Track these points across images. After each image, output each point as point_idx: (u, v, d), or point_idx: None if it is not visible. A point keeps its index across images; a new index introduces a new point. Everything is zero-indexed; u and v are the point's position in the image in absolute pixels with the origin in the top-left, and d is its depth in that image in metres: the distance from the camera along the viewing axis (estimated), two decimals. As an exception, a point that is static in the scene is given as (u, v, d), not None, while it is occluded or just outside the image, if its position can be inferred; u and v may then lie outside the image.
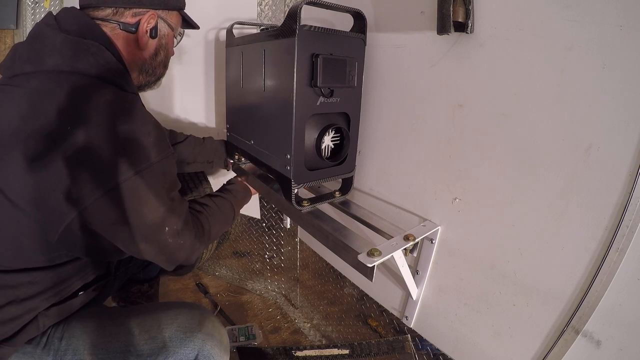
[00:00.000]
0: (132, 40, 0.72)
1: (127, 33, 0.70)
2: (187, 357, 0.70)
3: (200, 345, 0.71)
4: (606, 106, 0.51)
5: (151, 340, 0.72)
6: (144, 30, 0.72)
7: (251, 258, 1.76)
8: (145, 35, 0.72)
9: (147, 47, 0.75)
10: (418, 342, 1.18)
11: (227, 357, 0.76)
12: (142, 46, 0.73)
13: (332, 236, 0.76)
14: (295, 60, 0.67)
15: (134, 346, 0.71)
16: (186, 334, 0.72)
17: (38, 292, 0.68)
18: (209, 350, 0.72)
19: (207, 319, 0.76)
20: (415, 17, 0.74)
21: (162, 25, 0.77)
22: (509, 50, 0.60)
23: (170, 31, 0.80)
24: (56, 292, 0.71)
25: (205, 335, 0.73)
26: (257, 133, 0.90)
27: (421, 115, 0.77)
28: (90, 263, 0.78)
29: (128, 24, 0.70)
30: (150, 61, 0.78)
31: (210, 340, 0.73)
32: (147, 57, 0.76)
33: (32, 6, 2.13)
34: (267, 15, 1.20)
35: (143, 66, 0.77)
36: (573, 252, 0.57)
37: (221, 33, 1.25)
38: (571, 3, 0.52)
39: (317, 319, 1.47)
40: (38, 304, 0.69)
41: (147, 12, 0.72)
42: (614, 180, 0.51)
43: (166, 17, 0.78)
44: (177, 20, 0.82)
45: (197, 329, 0.73)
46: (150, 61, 0.78)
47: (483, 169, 0.67)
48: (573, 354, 0.59)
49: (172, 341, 0.71)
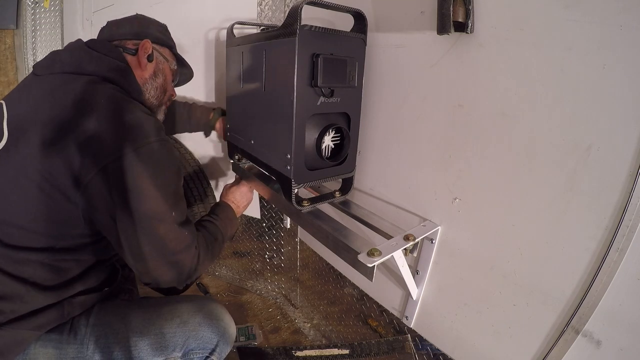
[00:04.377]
0: (135, 62, 0.87)
1: (131, 55, 0.86)
2: (210, 341, 0.80)
3: (222, 332, 0.82)
4: (606, 106, 0.51)
5: (183, 324, 0.79)
6: (142, 53, 0.87)
7: (251, 258, 1.75)
8: (143, 57, 0.87)
9: (147, 68, 0.88)
10: (418, 342, 1.18)
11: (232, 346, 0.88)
12: (142, 66, 0.87)
13: (332, 236, 0.76)
14: (295, 60, 0.67)
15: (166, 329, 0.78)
16: (212, 321, 0.82)
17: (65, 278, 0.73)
18: (228, 338, 0.83)
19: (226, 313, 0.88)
20: (415, 17, 0.74)
21: (157, 54, 0.92)
22: (509, 50, 0.60)
23: (164, 61, 0.95)
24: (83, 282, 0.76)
25: (226, 324, 0.84)
26: (257, 133, 0.90)
27: (421, 115, 0.77)
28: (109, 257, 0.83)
29: (130, 49, 0.87)
30: (151, 81, 0.90)
31: (230, 328, 0.85)
32: (147, 77, 0.89)
33: (32, 6, 2.13)
34: (267, 15, 1.20)
35: (145, 85, 0.88)
36: (573, 252, 0.57)
37: (221, 33, 1.25)
38: (571, 3, 0.52)
39: (317, 319, 1.47)
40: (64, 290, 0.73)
41: (145, 42, 0.87)
42: (614, 180, 0.51)
43: (159, 50, 0.94)
44: (170, 56, 0.98)
45: (221, 317, 0.84)
46: (151, 81, 0.90)
47: (483, 168, 0.67)
48: (573, 354, 0.59)
49: (201, 325, 0.80)
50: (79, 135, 0.66)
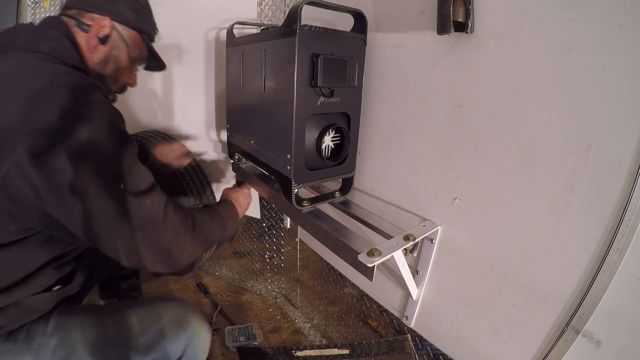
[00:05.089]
0: (85, 40, 0.74)
1: (82, 31, 0.73)
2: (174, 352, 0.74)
3: (188, 340, 0.76)
4: (606, 106, 0.51)
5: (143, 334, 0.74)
6: (94, 33, 0.74)
7: (251, 258, 1.76)
8: (94, 38, 0.74)
9: (96, 51, 0.75)
10: (418, 342, 1.18)
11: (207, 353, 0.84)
12: (90, 48, 0.74)
13: (332, 236, 0.76)
14: (295, 60, 0.67)
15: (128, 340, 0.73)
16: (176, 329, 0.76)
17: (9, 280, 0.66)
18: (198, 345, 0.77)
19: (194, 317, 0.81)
20: (415, 17, 0.74)
21: (117, 37, 0.78)
22: (509, 50, 0.60)
23: (124, 46, 0.80)
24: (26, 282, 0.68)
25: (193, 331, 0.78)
26: (257, 133, 0.90)
27: (421, 115, 0.77)
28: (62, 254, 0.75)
29: (83, 23, 0.74)
30: (98, 68, 0.77)
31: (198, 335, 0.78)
32: (95, 62, 0.76)
33: (32, 6, 2.13)
34: (267, 15, 1.20)
35: (93, 71, 0.76)
36: (573, 252, 0.57)
37: (221, 33, 1.25)
38: (571, 3, 0.52)
39: (317, 319, 1.47)
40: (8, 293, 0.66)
41: (102, 19, 0.75)
42: (614, 180, 0.51)
43: (123, 32, 0.79)
44: (136, 40, 0.82)
45: (186, 324, 0.77)
46: (99, 68, 0.77)
47: (483, 168, 0.67)
48: (573, 354, 0.59)
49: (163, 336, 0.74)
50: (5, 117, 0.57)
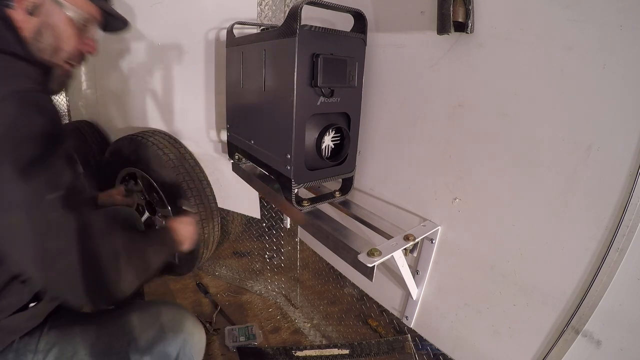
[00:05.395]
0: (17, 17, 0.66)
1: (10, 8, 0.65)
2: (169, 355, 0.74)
3: (182, 343, 0.75)
4: (606, 106, 0.51)
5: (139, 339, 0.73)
6: (22, 6, 0.66)
7: (251, 258, 1.75)
8: (22, 11, 0.66)
9: (27, 24, 0.67)
10: (418, 342, 1.18)
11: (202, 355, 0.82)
12: (21, 22, 0.66)
13: (332, 236, 0.76)
14: (295, 60, 0.67)
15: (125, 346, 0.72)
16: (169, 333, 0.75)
17: None
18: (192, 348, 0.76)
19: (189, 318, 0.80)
20: (415, 17, 0.74)
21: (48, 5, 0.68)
22: (509, 50, 0.60)
23: (59, 10, 0.70)
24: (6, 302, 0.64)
25: (187, 334, 0.77)
26: (257, 133, 0.90)
27: (421, 115, 0.77)
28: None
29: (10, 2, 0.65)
30: (34, 42, 0.68)
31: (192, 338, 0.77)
32: (31, 37, 0.67)
33: (32, 6, 2.12)
34: (267, 15, 1.20)
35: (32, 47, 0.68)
36: (573, 252, 0.57)
37: (221, 33, 1.25)
38: (571, 3, 0.52)
39: (317, 319, 1.47)
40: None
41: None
42: (614, 180, 0.51)
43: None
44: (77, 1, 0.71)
45: (180, 327, 0.76)
46: (35, 42, 0.68)
47: (483, 168, 0.67)
48: (573, 354, 0.59)
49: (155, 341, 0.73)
50: None
